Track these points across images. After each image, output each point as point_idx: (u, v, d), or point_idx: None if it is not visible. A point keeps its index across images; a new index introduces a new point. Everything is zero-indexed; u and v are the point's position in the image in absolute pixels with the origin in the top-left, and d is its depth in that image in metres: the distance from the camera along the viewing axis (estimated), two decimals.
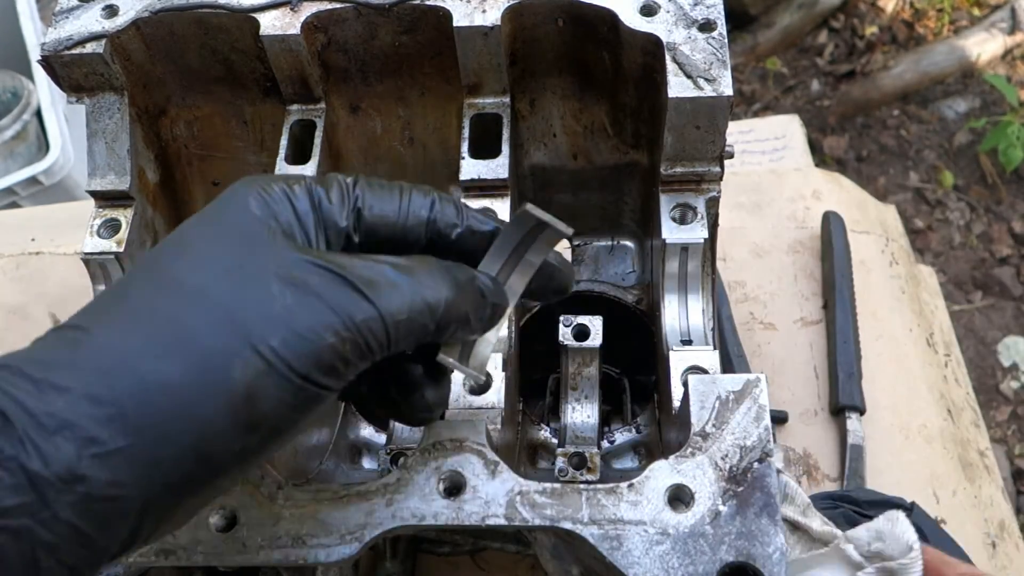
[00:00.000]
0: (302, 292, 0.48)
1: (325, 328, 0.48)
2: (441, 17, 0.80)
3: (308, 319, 0.48)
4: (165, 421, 0.45)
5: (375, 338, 0.50)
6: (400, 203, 0.56)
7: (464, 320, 0.55)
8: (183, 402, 0.45)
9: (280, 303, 0.48)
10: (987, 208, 2.74)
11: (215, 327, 0.47)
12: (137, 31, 0.82)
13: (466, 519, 0.60)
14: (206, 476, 0.47)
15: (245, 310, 0.47)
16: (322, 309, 0.48)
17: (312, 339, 0.48)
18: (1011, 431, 2.35)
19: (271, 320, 0.47)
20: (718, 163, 0.80)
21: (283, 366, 0.47)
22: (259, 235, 0.51)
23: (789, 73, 3.13)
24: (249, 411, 0.46)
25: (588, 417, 0.90)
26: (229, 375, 0.46)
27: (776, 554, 0.57)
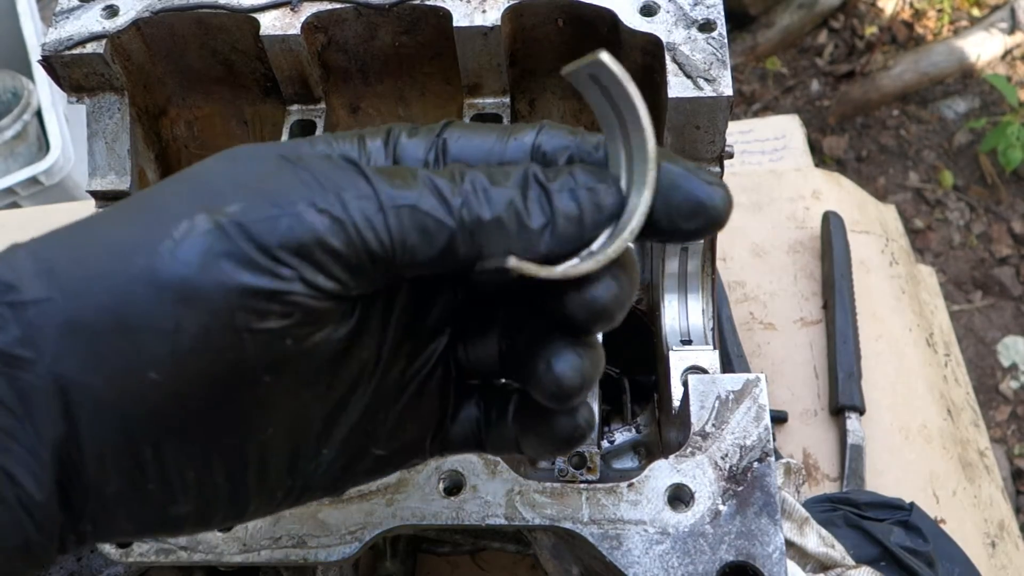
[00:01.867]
0: (289, 166, 0.39)
1: (300, 197, 0.37)
2: (441, 17, 0.80)
3: (285, 189, 0.37)
4: (89, 278, 0.36)
5: (369, 226, 0.37)
6: (497, 132, 0.45)
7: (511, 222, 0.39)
8: (112, 258, 0.36)
9: (260, 173, 0.38)
10: (987, 208, 2.74)
11: (178, 188, 0.39)
12: (137, 31, 0.82)
13: (466, 519, 0.60)
14: (134, 360, 0.36)
15: (217, 176, 0.39)
16: (303, 181, 0.38)
17: (279, 207, 0.37)
18: (1011, 431, 2.35)
19: (241, 185, 0.38)
20: (718, 163, 0.80)
21: (235, 231, 0.36)
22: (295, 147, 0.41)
23: (789, 73, 3.13)
24: (182, 282, 0.35)
25: None
26: (169, 231, 0.36)
27: (776, 554, 0.57)
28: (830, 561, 0.85)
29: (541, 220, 0.40)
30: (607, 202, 0.41)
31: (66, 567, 0.76)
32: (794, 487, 0.89)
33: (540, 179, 0.40)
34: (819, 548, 0.85)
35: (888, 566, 0.96)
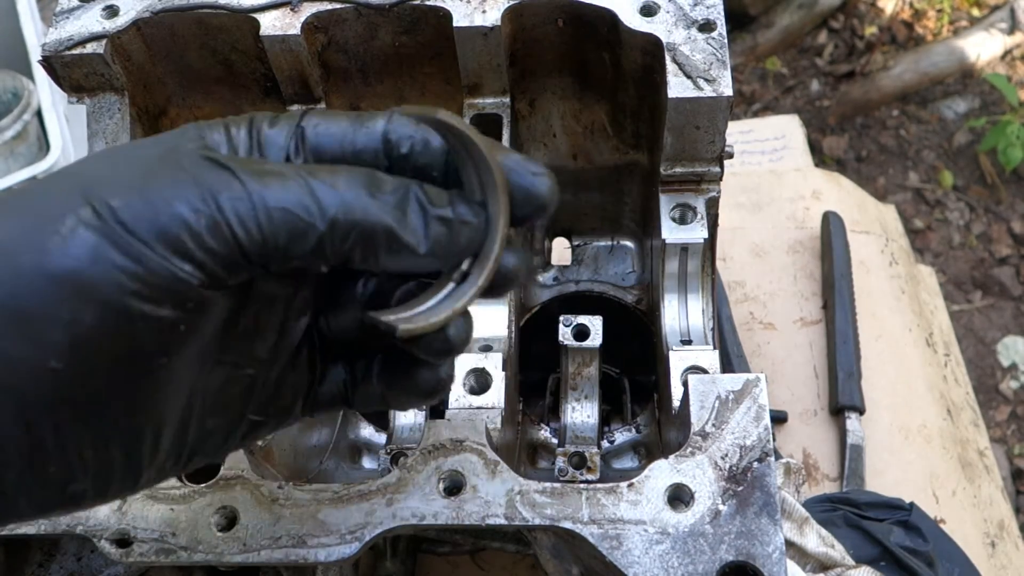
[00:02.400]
0: (168, 167, 0.41)
1: (178, 197, 0.40)
2: (441, 17, 0.80)
3: (161, 187, 0.40)
4: None
5: (242, 225, 0.40)
6: (351, 120, 0.47)
7: (382, 235, 0.43)
8: (2, 256, 0.38)
9: (139, 171, 0.41)
10: (987, 208, 2.74)
11: (59, 186, 0.41)
12: (137, 31, 0.82)
13: (466, 519, 0.60)
14: (33, 350, 0.37)
15: (98, 174, 0.41)
16: (182, 181, 0.40)
17: (159, 205, 0.39)
18: (1010, 431, 2.35)
19: (121, 184, 0.40)
20: (718, 163, 0.80)
21: (119, 227, 0.38)
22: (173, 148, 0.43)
23: (789, 73, 3.13)
24: (74, 275, 0.37)
25: (588, 417, 0.90)
26: (56, 227, 0.38)
27: (776, 553, 0.57)
28: (830, 561, 0.85)
29: (413, 240, 0.44)
30: (475, 239, 0.46)
31: (66, 567, 0.76)
32: (794, 487, 0.89)
33: (421, 200, 0.44)
34: (819, 548, 0.85)
35: (888, 566, 0.96)
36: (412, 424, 0.93)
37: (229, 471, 0.65)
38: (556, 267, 1.04)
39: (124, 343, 0.39)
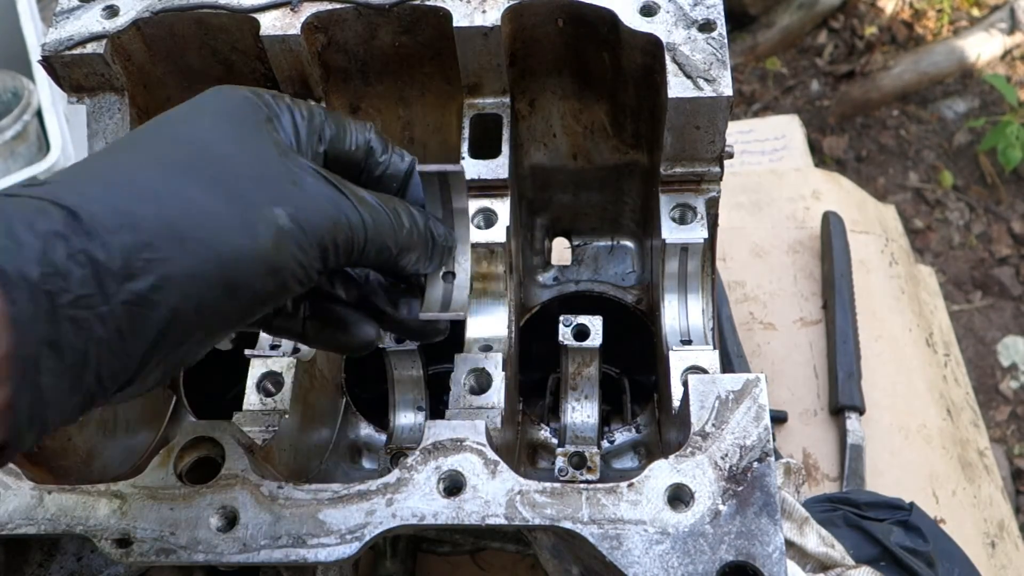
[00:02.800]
0: (309, 186, 0.56)
1: (328, 217, 0.55)
2: (441, 17, 0.80)
3: (317, 205, 0.55)
4: (206, 247, 0.50)
5: (358, 241, 0.57)
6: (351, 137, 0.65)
7: (417, 250, 0.64)
8: (222, 229, 0.51)
9: (291, 182, 0.55)
10: (986, 208, 2.74)
11: (243, 179, 0.53)
12: (137, 31, 0.82)
13: (466, 519, 0.60)
14: (226, 309, 0.52)
15: (264, 176, 0.54)
16: (326, 203, 0.56)
17: (319, 220, 0.55)
18: (1010, 431, 2.35)
19: (288, 193, 0.54)
20: (718, 163, 0.80)
21: (298, 231, 0.54)
22: (254, 120, 0.57)
23: (789, 73, 3.13)
24: (274, 257, 0.53)
25: (588, 417, 0.90)
26: (262, 216, 0.52)
27: (776, 553, 0.57)
28: (830, 561, 0.85)
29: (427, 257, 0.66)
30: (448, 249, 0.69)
31: (66, 567, 0.76)
32: (794, 487, 0.89)
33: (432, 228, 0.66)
34: (819, 548, 0.85)
35: (888, 566, 0.96)
36: (412, 424, 0.93)
37: (229, 471, 0.65)
38: (556, 267, 1.04)
39: (272, 304, 0.56)
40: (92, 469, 0.80)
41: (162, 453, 0.66)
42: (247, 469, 0.65)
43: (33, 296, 0.44)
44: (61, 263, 0.46)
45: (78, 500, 0.64)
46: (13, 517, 0.64)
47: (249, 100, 0.59)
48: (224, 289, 0.51)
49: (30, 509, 0.64)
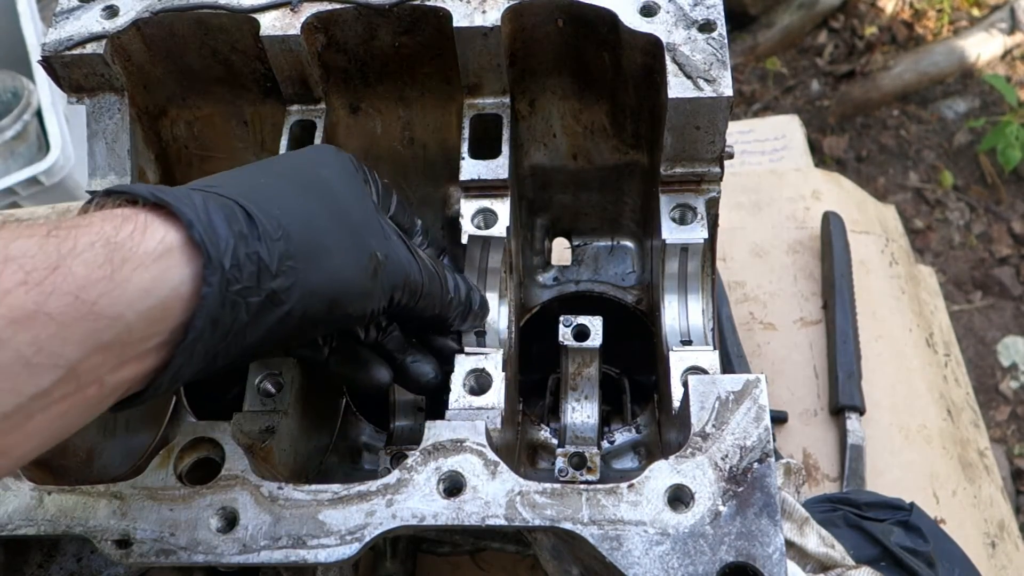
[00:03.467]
0: (393, 240, 0.68)
1: (403, 269, 0.67)
2: (441, 17, 0.80)
3: (398, 256, 0.67)
4: (330, 262, 0.60)
5: (416, 294, 0.69)
6: (404, 214, 0.78)
7: (456, 311, 0.75)
8: (342, 256, 0.62)
9: (383, 235, 0.66)
10: (987, 208, 2.74)
11: (356, 221, 0.64)
12: (137, 31, 0.82)
13: (466, 519, 0.60)
14: (321, 320, 0.62)
15: (369, 223, 0.66)
16: (404, 257, 0.68)
17: (398, 269, 0.67)
18: (1011, 431, 2.35)
19: (383, 241, 0.66)
20: (718, 163, 0.80)
21: (388, 272, 0.65)
22: (359, 179, 0.70)
23: (789, 73, 3.13)
24: (369, 288, 0.64)
25: (588, 417, 0.90)
26: (370, 253, 0.64)
27: (776, 554, 0.57)
28: (830, 561, 0.85)
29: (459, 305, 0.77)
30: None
31: (66, 568, 0.76)
32: (794, 487, 0.89)
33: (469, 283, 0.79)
34: (819, 548, 0.85)
35: (888, 566, 0.96)
36: (412, 425, 0.93)
37: (229, 472, 0.65)
38: (556, 267, 1.04)
39: (347, 326, 0.68)
40: (92, 470, 0.80)
41: (162, 454, 0.66)
42: (247, 470, 0.65)
43: (221, 281, 0.53)
44: (242, 258, 0.55)
45: (78, 501, 0.64)
46: (13, 518, 0.64)
47: (353, 162, 0.70)
48: (328, 304, 0.61)
49: (30, 510, 0.64)
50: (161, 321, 0.52)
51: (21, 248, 0.48)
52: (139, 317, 0.50)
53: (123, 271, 0.50)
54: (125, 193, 0.56)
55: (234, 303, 0.55)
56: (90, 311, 0.48)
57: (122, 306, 0.49)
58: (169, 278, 0.52)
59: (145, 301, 0.51)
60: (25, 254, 0.47)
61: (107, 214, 0.53)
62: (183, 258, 0.53)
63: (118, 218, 0.52)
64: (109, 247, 0.50)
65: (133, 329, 0.51)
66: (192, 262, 0.53)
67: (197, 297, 0.53)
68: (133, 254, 0.51)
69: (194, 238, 0.53)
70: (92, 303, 0.48)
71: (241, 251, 0.55)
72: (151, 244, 0.52)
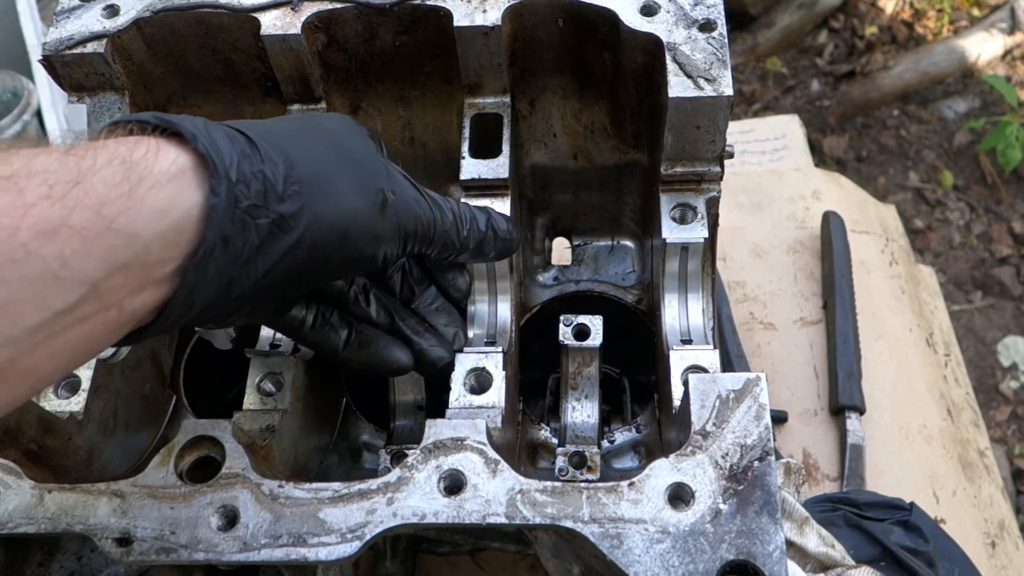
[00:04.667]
0: (401, 181, 0.69)
1: (412, 209, 0.68)
2: (441, 17, 0.80)
3: (406, 194, 0.68)
4: (337, 193, 0.61)
5: (429, 234, 0.70)
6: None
7: (473, 243, 0.75)
8: (349, 189, 0.62)
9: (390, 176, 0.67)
10: (987, 208, 2.74)
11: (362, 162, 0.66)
12: (138, 31, 0.82)
13: (467, 518, 0.60)
14: (333, 256, 0.62)
15: (376, 166, 0.67)
16: (412, 196, 0.69)
17: (407, 208, 0.67)
18: (1011, 431, 2.35)
19: (390, 181, 0.67)
20: (718, 163, 0.80)
21: (397, 209, 0.66)
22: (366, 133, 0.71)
23: (789, 73, 3.13)
24: (379, 225, 0.64)
25: (588, 416, 0.90)
26: (377, 188, 0.65)
27: (776, 553, 0.57)
28: (830, 561, 0.85)
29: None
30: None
31: (66, 566, 0.76)
32: (794, 487, 0.89)
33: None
34: (819, 548, 0.84)
35: (888, 566, 0.96)
36: (412, 424, 0.93)
37: (230, 470, 0.65)
38: (556, 267, 1.04)
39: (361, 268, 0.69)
40: (92, 468, 0.80)
41: (162, 452, 0.66)
42: (247, 468, 0.65)
43: (228, 194, 0.54)
44: (248, 174, 0.56)
45: (78, 499, 0.64)
46: (13, 516, 0.64)
47: (357, 122, 0.72)
48: (339, 236, 0.61)
49: (30, 508, 0.64)
50: (176, 245, 0.53)
51: (42, 164, 0.48)
52: (155, 237, 0.51)
53: (139, 189, 0.50)
54: (133, 121, 0.57)
55: (243, 221, 0.55)
56: (110, 227, 0.48)
57: (140, 225, 0.50)
58: (183, 199, 0.53)
59: (161, 221, 0.51)
60: (47, 169, 0.48)
61: (120, 139, 0.53)
62: (195, 179, 0.53)
63: (131, 141, 0.52)
64: (126, 165, 0.50)
65: (150, 250, 0.51)
66: (203, 185, 0.54)
67: (208, 212, 0.53)
68: (148, 173, 0.51)
69: (200, 152, 0.54)
70: (112, 219, 0.49)
71: (246, 168, 0.56)
72: (164, 164, 0.52)
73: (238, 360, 0.82)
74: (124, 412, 0.85)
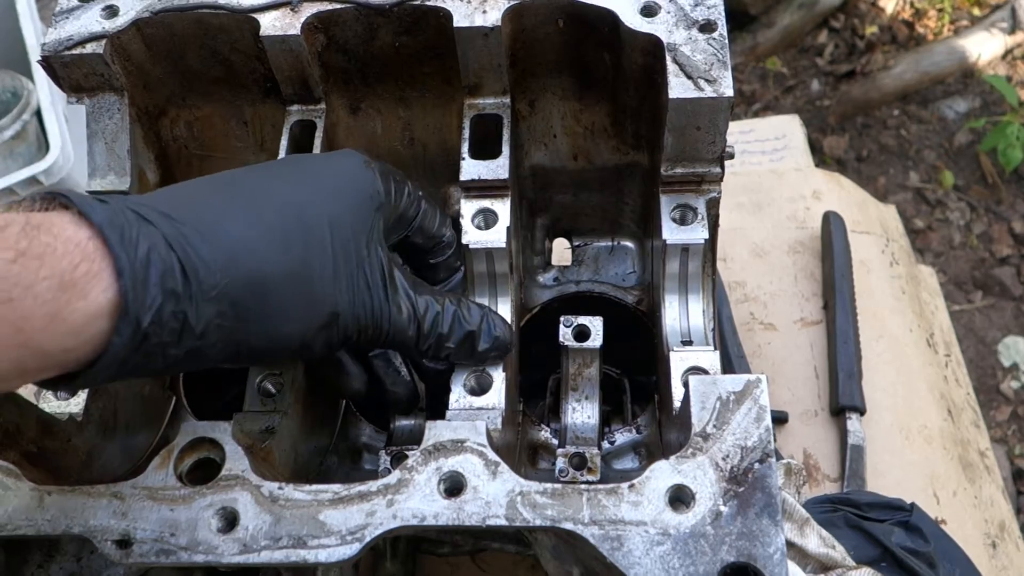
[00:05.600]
0: (363, 293, 0.65)
1: (363, 319, 0.66)
2: (441, 18, 0.80)
3: (365, 310, 0.65)
4: (272, 320, 0.60)
5: (381, 336, 0.68)
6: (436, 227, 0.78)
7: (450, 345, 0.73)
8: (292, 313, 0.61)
9: (353, 286, 0.64)
10: (987, 208, 2.74)
11: (320, 275, 0.62)
12: (137, 31, 0.82)
13: (467, 519, 0.60)
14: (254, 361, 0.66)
15: (347, 269, 0.64)
16: (373, 309, 0.66)
17: (357, 321, 0.65)
18: (1011, 431, 2.35)
19: (346, 298, 0.64)
20: (718, 164, 0.80)
21: (340, 330, 0.64)
22: (368, 204, 0.67)
23: (789, 73, 3.13)
24: (310, 341, 0.63)
25: (588, 417, 0.90)
26: (320, 315, 0.62)
27: (777, 554, 0.57)
28: (831, 562, 0.85)
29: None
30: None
31: (66, 568, 0.76)
32: (795, 488, 0.89)
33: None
34: (820, 549, 0.84)
35: (889, 567, 0.96)
36: (412, 425, 0.93)
37: (229, 472, 0.64)
38: (556, 267, 1.03)
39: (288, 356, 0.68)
40: (92, 470, 0.80)
41: (162, 454, 0.66)
42: (247, 470, 0.64)
43: (134, 334, 0.54)
44: (166, 317, 0.56)
45: (78, 501, 0.64)
46: (13, 518, 0.64)
47: (375, 180, 0.68)
48: (258, 355, 0.62)
49: (30, 510, 0.64)
50: (82, 352, 0.54)
51: None
52: (64, 351, 0.53)
53: (64, 312, 0.52)
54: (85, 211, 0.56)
55: (148, 352, 0.56)
56: (25, 343, 0.50)
57: (53, 344, 0.52)
58: (100, 324, 0.54)
59: (73, 339, 0.53)
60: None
61: (70, 241, 0.53)
62: (113, 313, 0.54)
63: (78, 253, 0.53)
64: (62, 286, 0.51)
65: (55, 357, 0.53)
66: (113, 319, 0.54)
67: (102, 351, 0.54)
68: (79, 297, 0.52)
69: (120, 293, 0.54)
70: (28, 337, 0.50)
71: (167, 309, 0.56)
72: (96, 292, 0.53)
73: None
74: (124, 413, 0.85)
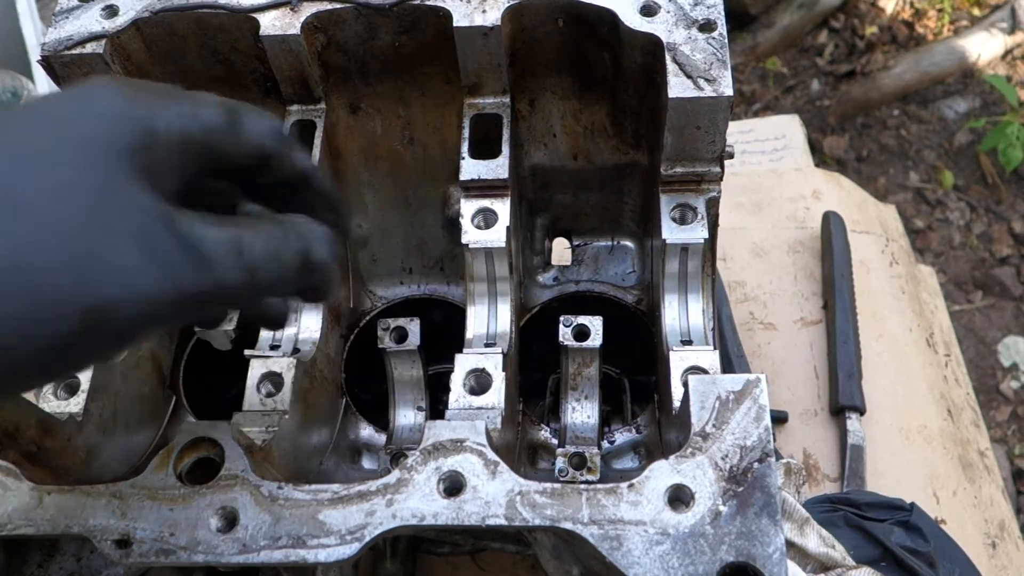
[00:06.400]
0: (151, 256, 0.46)
1: (161, 298, 0.46)
2: (441, 17, 0.80)
3: (150, 289, 0.46)
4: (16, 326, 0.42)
5: (203, 303, 0.49)
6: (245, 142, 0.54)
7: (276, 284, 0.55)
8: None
9: (127, 261, 0.45)
10: (987, 208, 2.74)
11: (54, 265, 0.43)
12: (137, 31, 0.82)
13: (466, 519, 0.60)
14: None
15: (91, 255, 0.44)
16: (166, 278, 0.46)
17: (148, 308, 0.46)
18: (1011, 431, 2.35)
19: (117, 279, 0.45)
20: (718, 163, 0.80)
21: (109, 328, 0.45)
22: (112, 156, 0.47)
23: (789, 73, 3.13)
24: (62, 363, 0.46)
25: (588, 417, 0.90)
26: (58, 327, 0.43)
27: (776, 554, 0.57)
28: (831, 561, 0.85)
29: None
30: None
31: (66, 568, 0.76)
32: (794, 487, 0.89)
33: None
34: (820, 548, 0.84)
35: (889, 566, 0.96)
36: (412, 424, 0.93)
37: (229, 471, 0.64)
38: (556, 267, 1.03)
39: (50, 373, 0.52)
40: (91, 469, 0.80)
41: (161, 453, 0.66)
42: (247, 470, 0.64)
43: None
44: None
45: (77, 500, 0.64)
46: (12, 518, 0.64)
47: (125, 122, 0.48)
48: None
49: (29, 510, 0.64)
50: None
51: None
52: None
53: None
54: None
55: None
56: None
57: None
58: None
59: None
60: None
61: None
62: None
63: None
64: None
65: None
66: None
67: None
68: None
69: None
70: None
71: None
72: None
73: (237, 361, 0.82)
74: (123, 413, 0.85)
